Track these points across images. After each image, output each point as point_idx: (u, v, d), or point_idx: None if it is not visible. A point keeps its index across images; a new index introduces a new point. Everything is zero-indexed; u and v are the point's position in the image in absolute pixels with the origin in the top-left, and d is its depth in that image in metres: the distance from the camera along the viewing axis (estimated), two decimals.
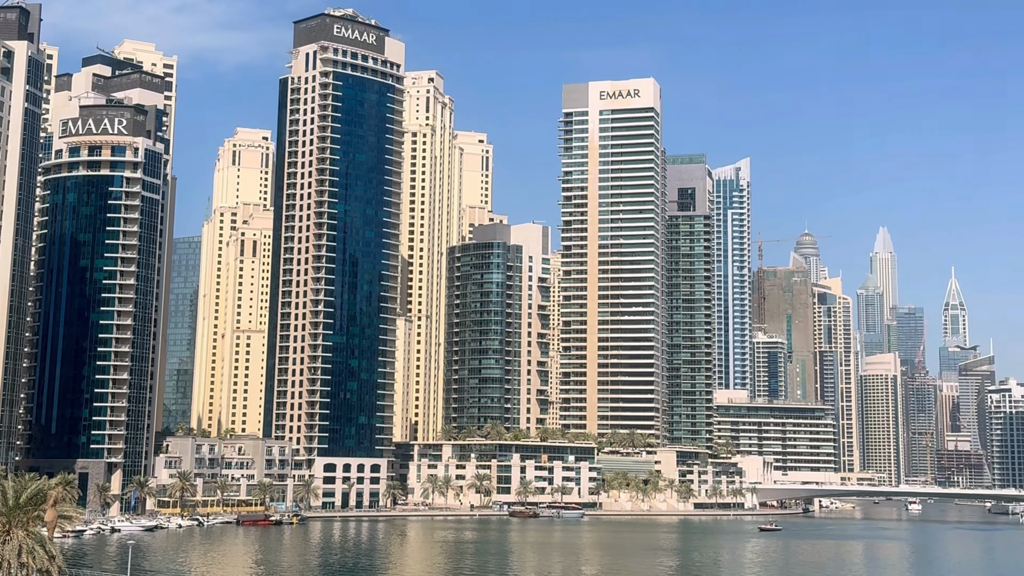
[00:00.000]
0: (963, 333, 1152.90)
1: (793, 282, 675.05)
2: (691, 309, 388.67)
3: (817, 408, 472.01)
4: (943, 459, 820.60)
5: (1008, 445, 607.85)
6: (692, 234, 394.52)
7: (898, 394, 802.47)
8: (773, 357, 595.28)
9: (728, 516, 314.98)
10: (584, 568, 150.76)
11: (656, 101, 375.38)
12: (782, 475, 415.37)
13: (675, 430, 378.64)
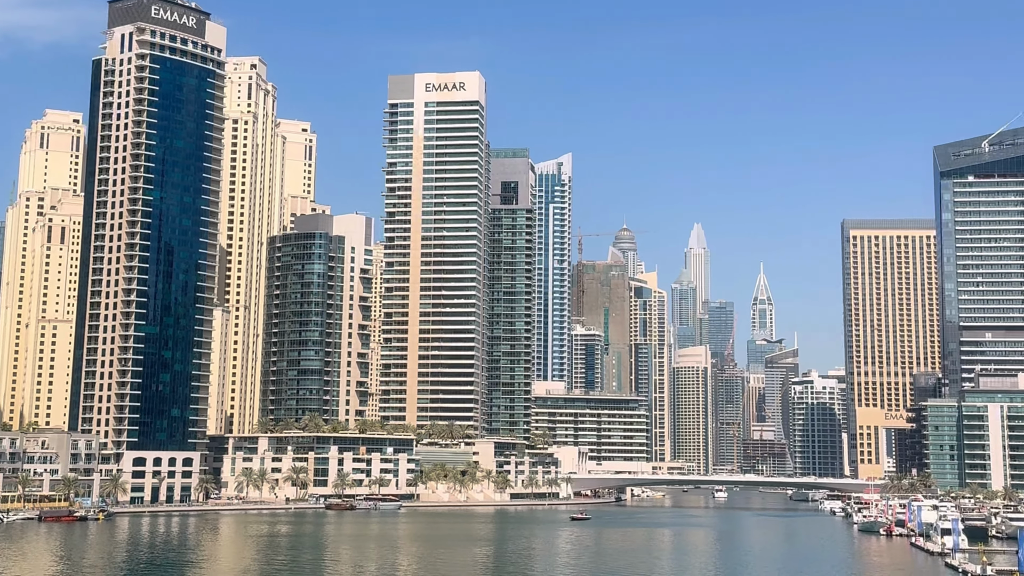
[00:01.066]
0: (770, 327, 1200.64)
1: (611, 276, 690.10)
2: (512, 302, 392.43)
3: (631, 399, 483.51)
4: (749, 448, 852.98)
5: (809, 435, 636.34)
6: (514, 227, 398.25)
7: (708, 385, 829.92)
8: (590, 349, 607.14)
9: (543, 506, 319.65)
10: (400, 560, 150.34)
11: (481, 95, 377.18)
12: (596, 465, 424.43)
13: (494, 421, 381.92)
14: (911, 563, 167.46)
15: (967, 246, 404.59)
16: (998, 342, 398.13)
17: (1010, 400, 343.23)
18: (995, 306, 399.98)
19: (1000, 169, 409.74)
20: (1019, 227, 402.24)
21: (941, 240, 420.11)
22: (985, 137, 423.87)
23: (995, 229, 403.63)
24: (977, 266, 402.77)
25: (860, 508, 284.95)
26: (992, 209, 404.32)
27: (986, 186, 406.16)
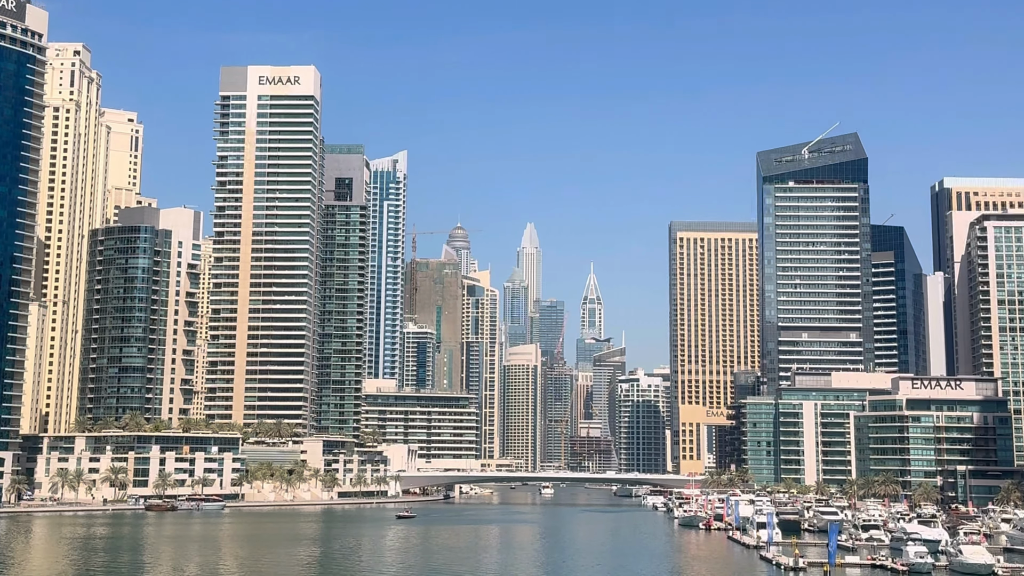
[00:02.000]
0: (599, 326, 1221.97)
1: (444, 274, 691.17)
2: (344, 299, 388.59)
3: (461, 397, 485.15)
4: (576, 445, 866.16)
5: (634, 431, 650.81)
6: (348, 224, 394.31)
7: (538, 383, 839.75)
8: (422, 347, 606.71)
9: (371, 504, 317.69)
10: (223, 561, 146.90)
11: (316, 89, 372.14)
12: (426, 463, 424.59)
13: (323, 419, 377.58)
14: (728, 556, 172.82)
15: (786, 249, 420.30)
16: (814, 342, 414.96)
17: (823, 398, 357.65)
18: (811, 307, 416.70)
19: (819, 175, 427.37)
20: (835, 231, 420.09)
21: (762, 243, 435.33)
22: (805, 144, 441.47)
23: (813, 233, 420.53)
24: (795, 268, 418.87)
25: (681, 503, 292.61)
26: (810, 214, 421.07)
27: (805, 191, 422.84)
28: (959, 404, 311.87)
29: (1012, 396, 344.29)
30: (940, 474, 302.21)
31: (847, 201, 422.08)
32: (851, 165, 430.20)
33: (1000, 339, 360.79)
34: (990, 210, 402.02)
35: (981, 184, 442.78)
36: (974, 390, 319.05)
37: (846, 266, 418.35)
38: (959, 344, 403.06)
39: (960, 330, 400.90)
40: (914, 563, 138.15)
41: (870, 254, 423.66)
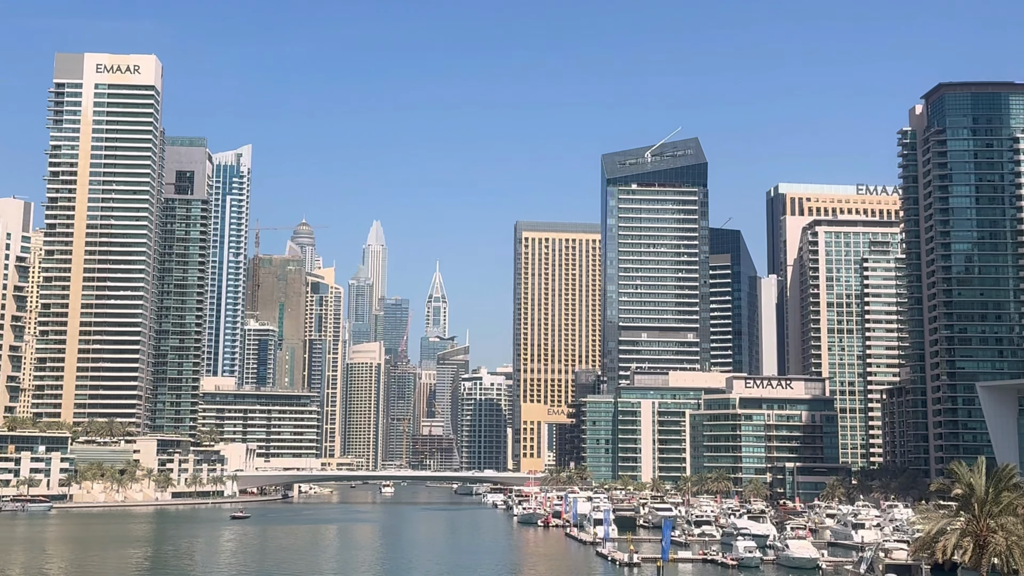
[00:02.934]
0: (444, 324, 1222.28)
1: (288, 271, 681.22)
2: (183, 295, 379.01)
3: (303, 395, 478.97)
4: (418, 443, 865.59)
5: (476, 430, 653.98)
6: (188, 218, 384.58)
7: (381, 382, 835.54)
8: (264, 344, 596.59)
9: (206, 504, 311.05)
10: (48, 564, 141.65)
11: (158, 79, 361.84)
12: (265, 462, 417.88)
13: (158, 418, 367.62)
14: (565, 552, 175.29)
15: (628, 250, 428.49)
16: (653, 342, 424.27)
17: (661, 397, 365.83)
18: (651, 308, 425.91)
19: (660, 179, 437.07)
20: (675, 234, 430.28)
21: (605, 244, 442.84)
22: (648, 148, 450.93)
23: (654, 235, 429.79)
24: (637, 269, 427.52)
25: (521, 500, 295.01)
26: (652, 216, 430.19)
27: (647, 194, 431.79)
28: (789, 403, 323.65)
29: (838, 395, 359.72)
30: (770, 471, 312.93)
31: (687, 204, 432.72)
32: (691, 169, 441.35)
33: (828, 340, 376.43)
34: (822, 215, 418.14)
35: (814, 190, 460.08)
36: (803, 389, 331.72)
37: (685, 268, 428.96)
38: (790, 345, 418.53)
39: (791, 331, 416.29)
40: (743, 558, 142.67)
41: (708, 256, 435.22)
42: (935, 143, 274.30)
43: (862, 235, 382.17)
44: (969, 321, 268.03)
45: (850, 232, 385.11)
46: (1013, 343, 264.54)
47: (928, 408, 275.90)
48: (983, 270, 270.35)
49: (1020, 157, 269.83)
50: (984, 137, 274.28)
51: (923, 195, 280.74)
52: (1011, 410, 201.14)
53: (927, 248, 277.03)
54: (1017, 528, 77.15)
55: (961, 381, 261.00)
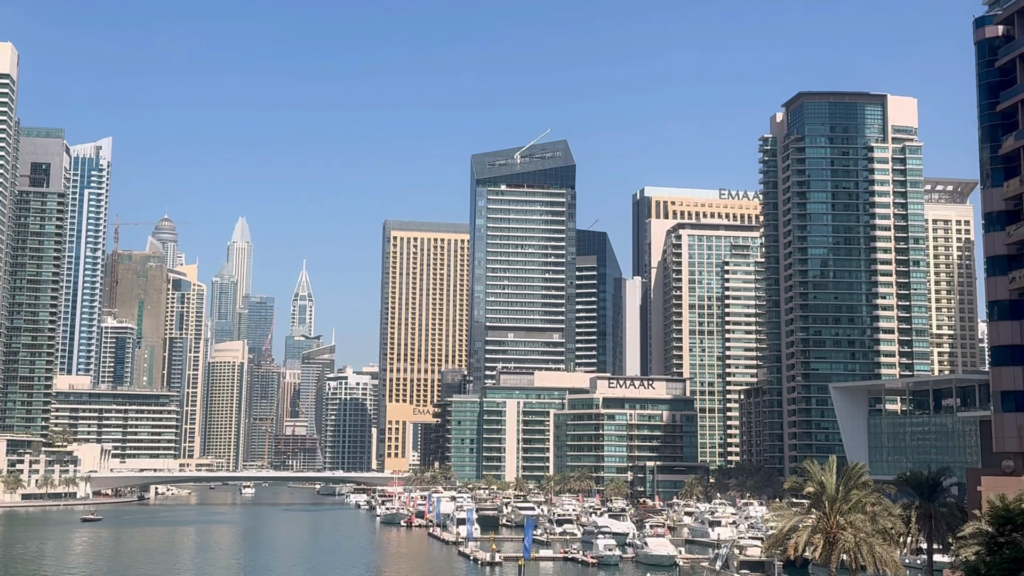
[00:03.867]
0: (309, 323, 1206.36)
1: (148, 267, 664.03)
2: (36, 290, 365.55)
3: (162, 395, 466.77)
4: (281, 443, 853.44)
5: (341, 429, 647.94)
6: (44, 212, 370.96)
7: (244, 381, 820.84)
8: (121, 342, 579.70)
9: (58, 506, 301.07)
10: None
11: (13, 68, 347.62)
12: (120, 463, 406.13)
13: (8, 417, 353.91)
14: (427, 552, 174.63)
15: (497, 251, 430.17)
16: (519, 342, 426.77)
17: (526, 396, 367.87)
18: (518, 308, 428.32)
19: (529, 180, 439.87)
20: (543, 235, 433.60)
21: (474, 244, 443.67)
22: (518, 149, 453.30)
23: (522, 236, 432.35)
24: (504, 270, 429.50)
25: (384, 501, 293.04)
26: (520, 217, 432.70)
27: (516, 195, 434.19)
28: (650, 403, 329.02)
29: (699, 396, 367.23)
30: (631, 470, 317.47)
31: (555, 206, 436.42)
32: (560, 171, 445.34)
33: (689, 341, 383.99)
34: (686, 219, 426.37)
35: (678, 194, 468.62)
36: (664, 390, 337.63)
37: (552, 269, 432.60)
38: (653, 345, 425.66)
39: (654, 332, 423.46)
40: (603, 555, 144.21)
41: (575, 258, 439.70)
42: (794, 150, 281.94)
43: (724, 239, 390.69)
44: (823, 324, 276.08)
45: (712, 236, 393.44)
46: (865, 345, 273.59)
47: (783, 408, 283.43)
48: (838, 274, 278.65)
49: (874, 165, 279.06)
50: (840, 145, 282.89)
51: (782, 200, 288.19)
52: (861, 410, 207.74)
53: (785, 252, 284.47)
54: (865, 525, 79.29)
55: (815, 382, 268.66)
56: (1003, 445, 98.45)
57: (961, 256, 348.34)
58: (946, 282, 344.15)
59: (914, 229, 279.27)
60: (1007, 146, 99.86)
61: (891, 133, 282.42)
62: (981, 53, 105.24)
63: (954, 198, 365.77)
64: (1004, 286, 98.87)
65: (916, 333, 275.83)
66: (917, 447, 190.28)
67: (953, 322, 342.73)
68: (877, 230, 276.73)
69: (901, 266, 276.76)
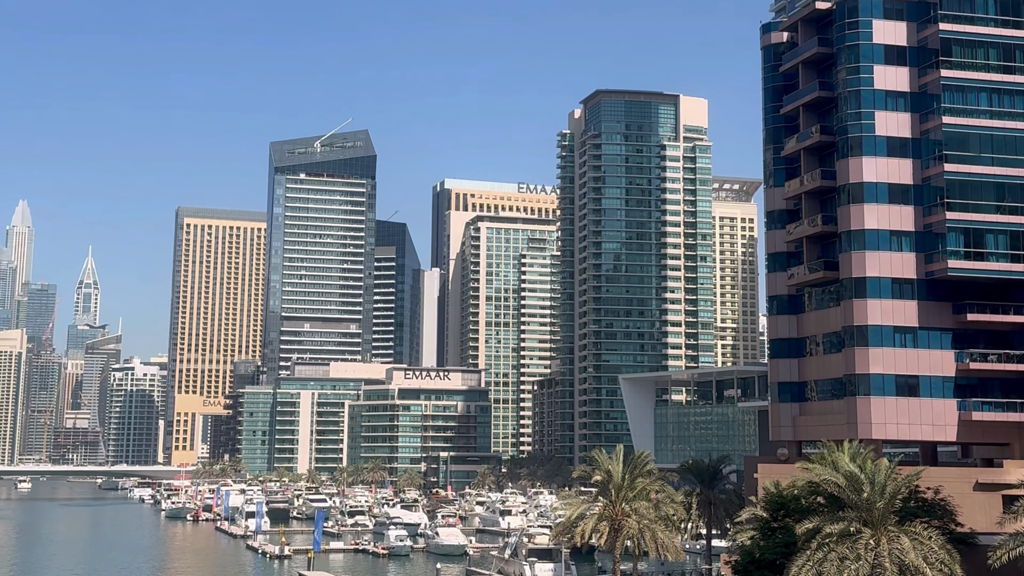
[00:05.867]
0: (94, 312, 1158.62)
1: None
2: None
3: None
4: (61, 436, 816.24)
5: (126, 422, 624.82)
6: None
7: (21, 371, 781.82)
8: None
9: None
10: None
11: None
12: None
13: None
14: (214, 546, 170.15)
15: (295, 240, 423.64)
16: (316, 332, 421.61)
17: (321, 388, 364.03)
18: (315, 299, 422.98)
19: (329, 169, 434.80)
20: (342, 225, 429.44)
21: (271, 233, 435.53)
22: (318, 138, 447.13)
23: (321, 226, 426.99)
24: (302, 260, 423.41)
25: (170, 494, 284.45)
26: (320, 206, 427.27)
27: (316, 184, 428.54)
28: (446, 394, 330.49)
29: (493, 387, 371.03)
30: (425, 460, 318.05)
31: (355, 196, 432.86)
32: (360, 161, 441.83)
33: (485, 333, 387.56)
34: (485, 212, 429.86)
35: (478, 187, 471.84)
36: (460, 380, 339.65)
37: (351, 259, 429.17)
38: (449, 337, 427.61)
39: (451, 324, 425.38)
40: (394, 546, 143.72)
41: (374, 248, 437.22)
42: (591, 146, 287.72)
43: (521, 232, 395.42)
44: (615, 316, 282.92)
45: (510, 229, 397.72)
46: (653, 338, 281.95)
47: (575, 399, 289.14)
48: (630, 268, 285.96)
49: (666, 163, 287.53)
50: (635, 143, 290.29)
51: (578, 195, 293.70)
52: (649, 401, 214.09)
53: (580, 246, 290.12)
54: (649, 512, 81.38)
55: (606, 373, 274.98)
56: (779, 434, 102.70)
57: (745, 252, 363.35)
58: (731, 277, 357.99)
59: (702, 226, 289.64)
60: (789, 148, 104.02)
61: (683, 132, 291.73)
62: (767, 58, 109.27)
63: (740, 196, 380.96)
64: (783, 282, 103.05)
65: (702, 327, 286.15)
66: (700, 436, 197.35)
67: (736, 316, 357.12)
68: (668, 226, 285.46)
69: (689, 261, 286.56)
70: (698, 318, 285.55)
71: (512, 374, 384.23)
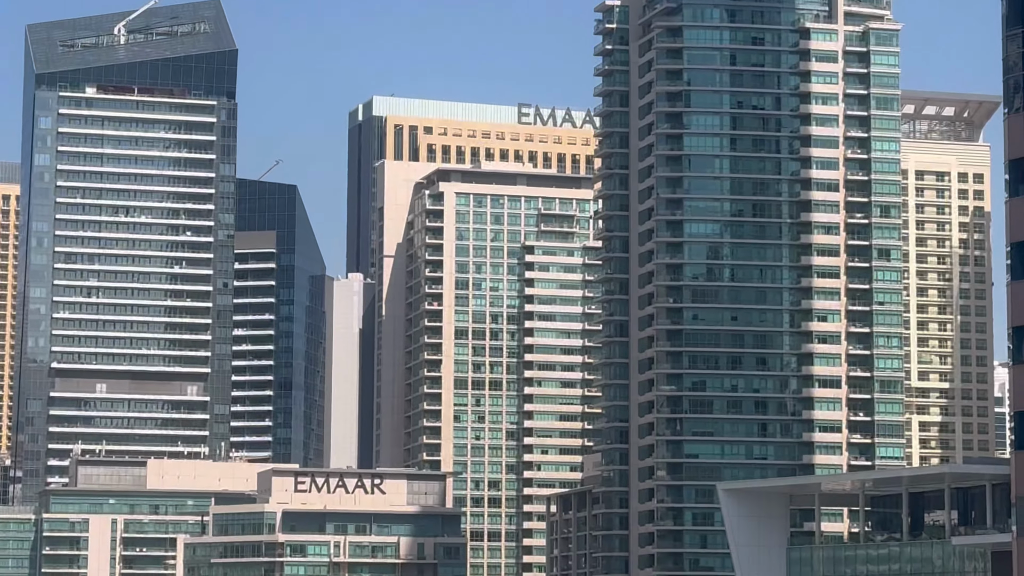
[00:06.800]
0: None
1: None
2: None
3: None
4: None
5: None
6: None
7: None
8: None
9: None
10: None
11: None
12: None
13: None
14: None
15: (76, 220, 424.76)
16: (118, 401, 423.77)
17: (130, 510, 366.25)
18: (118, 334, 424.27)
19: (144, 77, 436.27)
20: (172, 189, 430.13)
21: (28, 207, 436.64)
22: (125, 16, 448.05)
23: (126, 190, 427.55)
24: (92, 258, 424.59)
25: None
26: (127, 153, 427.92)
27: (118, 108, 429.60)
28: (379, 521, 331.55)
29: (470, 508, 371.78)
30: None
31: (197, 132, 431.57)
32: (206, 62, 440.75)
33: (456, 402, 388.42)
34: (453, 162, 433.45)
35: (439, 113, 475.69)
36: (406, 496, 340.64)
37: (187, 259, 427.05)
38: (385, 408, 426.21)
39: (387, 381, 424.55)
40: None
41: (232, 236, 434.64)
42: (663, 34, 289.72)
43: (526, 200, 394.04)
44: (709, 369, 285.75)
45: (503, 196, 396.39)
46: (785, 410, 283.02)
47: (632, 530, 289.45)
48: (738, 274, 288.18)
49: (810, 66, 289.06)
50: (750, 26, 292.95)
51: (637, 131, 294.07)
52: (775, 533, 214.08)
53: (640, 231, 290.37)
54: None
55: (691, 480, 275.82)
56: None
57: (967, 238, 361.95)
58: (939, 288, 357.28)
59: (882, 188, 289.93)
60: None
61: (843, 5, 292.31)
62: None
63: (954, 132, 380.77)
64: None
65: (880, 386, 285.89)
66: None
67: (951, 362, 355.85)
68: (813, 189, 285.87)
69: (856, 258, 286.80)
70: (873, 369, 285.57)
71: (508, 483, 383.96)
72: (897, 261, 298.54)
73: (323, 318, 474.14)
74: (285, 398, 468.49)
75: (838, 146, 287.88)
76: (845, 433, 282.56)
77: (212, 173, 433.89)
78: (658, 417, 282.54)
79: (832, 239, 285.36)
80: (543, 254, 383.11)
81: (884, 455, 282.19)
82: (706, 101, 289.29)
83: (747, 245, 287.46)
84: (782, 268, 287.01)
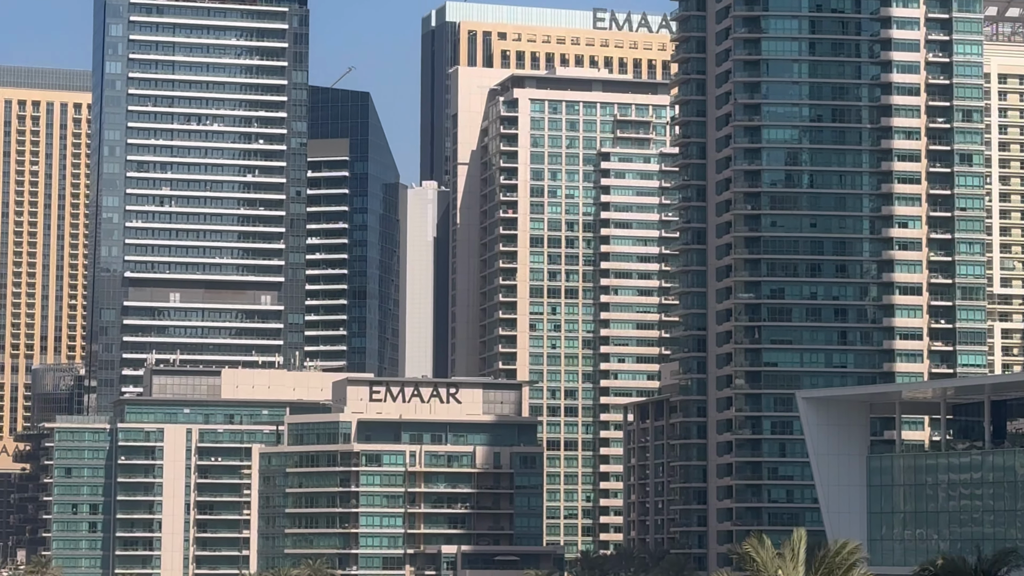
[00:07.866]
0: None
1: None
2: None
3: None
4: None
5: None
6: None
7: None
8: None
9: None
10: None
11: None
12: None
13: None
14: None
15: (146, 127, 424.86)
16: (191, 310, 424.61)
17: (204, 419, 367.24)
18: (190, 243, 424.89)
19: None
20: (242, 96, 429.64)
21: (100, 115, 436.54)
22: None
23: (197, 97, 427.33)
24: (163, 167, 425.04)
25: None
26: (196, 60, 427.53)
27: (185, 16, 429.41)
28: (454, 431, 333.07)
29: (546, 417, 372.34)
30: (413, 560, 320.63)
31: (267, 39, 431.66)
32: None
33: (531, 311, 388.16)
34: (527, 68, 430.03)
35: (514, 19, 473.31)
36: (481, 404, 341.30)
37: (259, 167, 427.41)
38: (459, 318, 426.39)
39: (463, 292, 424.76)
40: None
41: (305, 144, 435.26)
42: None
43: (603, 107, 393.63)
44: (788, 276, 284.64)
45: (579, 101, 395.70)
46: (865, 317, 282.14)
47: (710, 438, 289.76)
48: (817, 180, 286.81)
49: None
50: None
51: (715, 36, 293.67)
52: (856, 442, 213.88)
53: (718, 137, 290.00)
54: None
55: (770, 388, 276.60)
56: None
57: None
58: (1022, 192, 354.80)
59: (965, 92, 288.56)
60: None
61: None
62: None
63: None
64: None
65: (962, 293, 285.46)
66: (961, 510, 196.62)
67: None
68: (894, 93, 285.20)
69: (938, 163, 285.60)
70: (955, 276, 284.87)
71: (585, 392, 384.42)
72: (979, 166, 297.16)
73: (397, 226, 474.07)
74: (359, 307, 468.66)
75: (919, 49, 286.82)
76: (926, 340, 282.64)
77: (284, 80, 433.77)
78: (736, 325, 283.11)
79: (913, 144, 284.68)
80: (619, 161, 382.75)
81: (966, 363, 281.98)
82: (784, 4, 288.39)
83: (826, 151, 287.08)
84: (862, 174, 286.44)
